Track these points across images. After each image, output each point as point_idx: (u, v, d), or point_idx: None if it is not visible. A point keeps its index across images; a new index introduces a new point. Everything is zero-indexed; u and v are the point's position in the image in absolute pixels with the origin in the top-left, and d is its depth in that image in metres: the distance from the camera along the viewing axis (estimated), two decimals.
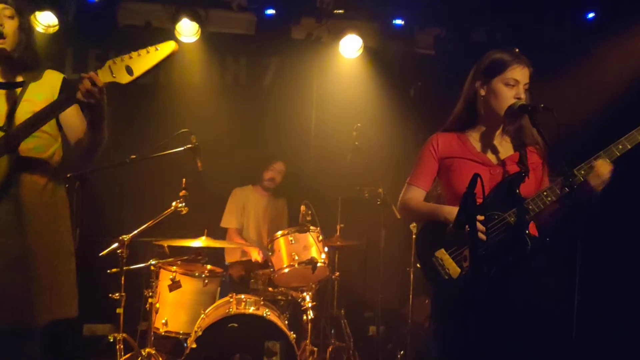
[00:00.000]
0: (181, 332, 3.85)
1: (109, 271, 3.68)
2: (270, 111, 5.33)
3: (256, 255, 4.66)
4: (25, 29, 2.35)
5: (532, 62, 2.44)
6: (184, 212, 3.76)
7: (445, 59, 5.31)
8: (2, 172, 2.24)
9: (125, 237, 3.66)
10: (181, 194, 3.76)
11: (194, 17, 4.81)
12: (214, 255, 4.33)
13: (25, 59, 2.36)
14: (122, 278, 3.68)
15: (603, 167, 2.25)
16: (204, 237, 3.89)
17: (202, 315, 3.67)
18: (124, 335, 3.72)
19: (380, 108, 5.28)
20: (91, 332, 4.78)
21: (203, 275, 3.92)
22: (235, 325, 3.48)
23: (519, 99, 2.36)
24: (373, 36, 5.32)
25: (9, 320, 2.24)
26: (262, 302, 3.72)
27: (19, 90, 2.35)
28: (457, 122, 2.53)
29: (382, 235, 4.40)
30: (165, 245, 3.97)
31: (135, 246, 3.83)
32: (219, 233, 4.73)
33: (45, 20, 4.67)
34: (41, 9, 4.62)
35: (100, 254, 3.65)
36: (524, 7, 4.87)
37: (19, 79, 2.39)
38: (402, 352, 4.44)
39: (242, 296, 3.72)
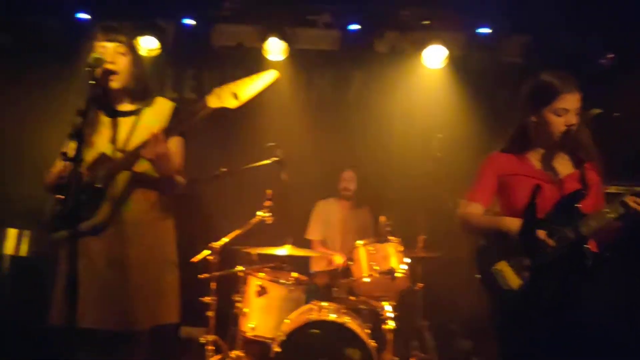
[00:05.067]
0: (268, 336, 3.97)
1: (199, 276, 3.92)
2: (354, 124, 5.44)
3: (339, 259, 4.74)
4: (137, 63, 2.63)
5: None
6: (269, 221, 3.93)
7: (534, 67, 5.16)
8: (119, 188, 2.52)
9: (216, 244, 3.90)
10: (266, 204, 3.94)
11: (282, 36, 5.04)
12: (299, 264, 4.47)
13: (138, 90, 2.64)
14: (213, 283, 3.90)
15: None
16: (289, 246, 4.04)
17: (286, 321, 3.79)
18: (215, 337, 3.93)
19: (464, 118, 5.23)
20: (188, 335, 5.09)
21: (289, 283, 4.06)
22: (317, 331, 3.58)
23: (570, 125, 2.34)
24: (458, 46, 5.30)
25: (120, 324, 2.49)
26: (343, 310, 3.80)
27: (134, 117, 2.62)
28: (513, 144, 2.56)
29: (466, 247, 4.34)
30: (253, 252, 4.17)
31: (227, 253, 4.05)
32: (303, 243, 4.88)
33: (146, 45, 5.09)
34: (143, 34, 5.05)
35: (192, 260, 3.91)
36: (616, 13, 4.64)
37: (133, 107, 2.66)
38: None
39: (325, 303, 3.82)
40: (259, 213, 3.93)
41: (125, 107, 2.67)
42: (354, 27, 5.22)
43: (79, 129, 2.14)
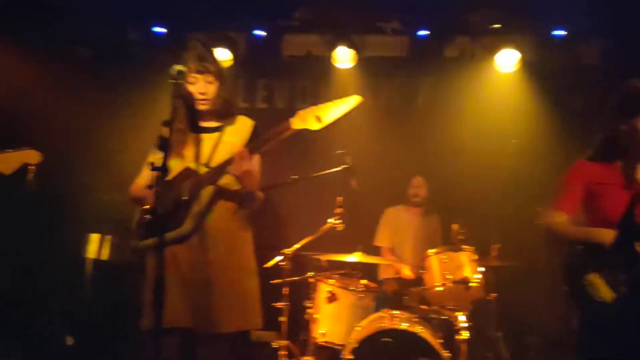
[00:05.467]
0: (338, 343, 3.96)
1: (272, 282, 3.98)
2: (423, 130, 5.38)
3: (407, 272, 4.71)
4: (225, 88, 2.77)
5: None
6: (340, 228, 3.94)
7: (613, 71, 4.95)
8: (204, 200, 2.64)
9: (288, 251, 3.95)
10: (337, 211, 3.96)
11: (351, 44, 5.07)
12: (368, 271, 4.46)
13: (223, 110, 2.78)
14: (285, 289, 3.95)
15: None
16: (359, 253, 4.04)
17: (357, 328, 3.78)
18: (287, 342, 3.98)
19: (540, 122, 5.07)
20: (258, 339, 5.17)
21: (358, 290, 4.04)
22: (389, 339, 3.56)
23: None
24: (531, 49, 5.15)
25: (205, 327, 2.61)
26: (415, 319, 3.75)
27: (217, 134, 2.76)
28: (601, 152, 2.44)
29: (542, 256, 4.20)
30: (323, 259, 4.20)
31: (298, 259, 4.09)
32: (372, 250, 4.86)
33: (219, 56, 5.22)
34: (216, 46, 5.20)
35: (265, 266, 3.98)
36: None
37: (216, 124, 2.80)
38: None
39: (396, 312, 3.79)
40: (329, 220, 3.95)
41: (209, 123, 2.81)
42: (423, 32, 5.18)
43: (165, 140, 2.23)
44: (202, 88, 2.69)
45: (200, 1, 5.01)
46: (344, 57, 5.17)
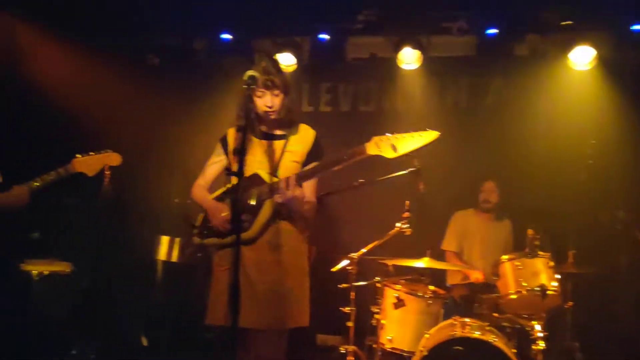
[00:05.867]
0: (405, 349, 3.91)
1: (339, 286, 3.95)
2: (493, 131, 5.22)
3: (477, 276, 4.58)
4: (290, 99, 2.89)
5: None
6: (408, 233, 3.86)
7: None
8: (269, 208, 2.77)
9: (354, 255, 3.91)
10: (404, 215, 3.88)
11: (416, 45, 4.99)
12: (436, 277, 4.36)
13: (286, 119, 2.89)
14: (352, 293, 3.91)
15: None
16: (426, 258, 3.95)
17: (426, 335, 3.69)
18: (354, 348, 3.94)
19: (619, 122, 4.80)
20: (323, 342, 5.15)
21: (426, 296, 3.95)
22: (461, 348, 3.44)
23: None
24: (608, 45, 4.89)
25: (270, 323, 2.75)
26: (487, 328, 3.63)
27: (282, 142, 2.87)
28: None
29: (623, 263, 3.98)
30: (389, 264, 4.13)
31: (363, 263, 4.05)
32: (441, 255, 4.75)
33: (284, 61, 5.28)
34: (281, 51, 5.25)
35: (332, 270, 3.95)
36: None
37: (281, 132, 2.91)
38: None
39: (467, 319, 3.68)
40: (397, 224, 3.88)
41: (274, 131, 2.92)
42: (492, 31, 5.03)
43: (241, 145, 2.27)
44: (268, 102, 2.80)
45: (264, 7, 5.06)
46: (409, 58, 5.10)
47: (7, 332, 3.73)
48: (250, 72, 2.59)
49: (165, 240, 5.07)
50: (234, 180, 2.49)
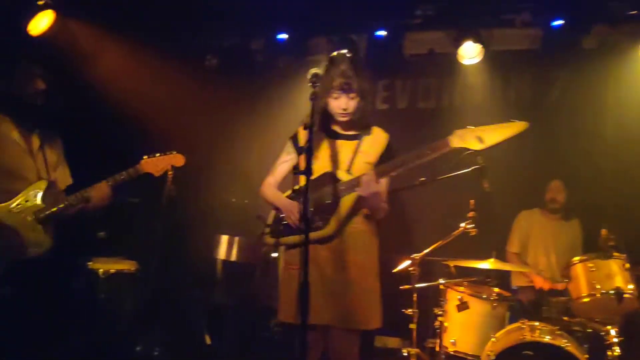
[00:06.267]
0: (469, 353, 3.82)
1: (401, 287, 3.88)
2: (559, 127, 5.01)
3: (540, 282, 4.41)
4: (365, 101, 2.88)
5: None
6: (473, 233, 3.75)
7: None
8: (347, 206, 2.78)
9: (417, 256, 3.83)
10: (469, 215, 3.77)
11: (477, 39, 4.84)
12: (500, 279, 4.22)
13: (360, 121, 2.89)
14: (414, 295, 3.83)
15: None
16: (492, 259, 3.83)
17: (493, 339, 3.58)
18: (417, 350, 3.86)
19: None
20: (383, 344, 5.08)
21: (491, 298, 3.84)
22: (531, 353, 3.33)
23: None
24: None
25: (343, 323, 2.77)
26: (557, 332, 3.48)
27: (355, 142, 2.87)
28: None
29: None
30: (452, 265, 4.03)
31: (425, 265, 3.96)
32: (505, 256, 4.60)
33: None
34: (337, 49, 5.17)
35: (394, 271, 3.88)
36: None
37: (353, 132, 2.91)
38: None
39: (536, 323, 3.55)
40: (461, 224, 3.77)
41: (347, 131, 2.91)
42: (557, 23, 4.82)
43: (308, 143, 2.24)
44: (343, 104, 2.80)
45: (320, 6, 5.03)
46: (470, 53, 4.94)
47: (75, 329, 3.85)
48: (313, 70, 2.55)
49: (224, 239, 5.12)
50: (302, 178, 2.48)
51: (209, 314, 5.04)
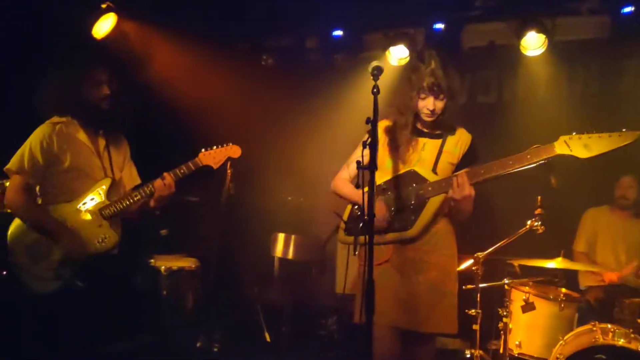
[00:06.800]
0: (535, 356, 3.70)
1: (464, 287, 3.76)
2: (628, 120, 4.71)
3: (611, 277, 4.23)
4: (452, 103, 2.81)
5: None
6: (540, 231, 3.60)
7: None
8: (436, 206, 2.71)
9: (481, 255, 3.71)
10: (537, 212, 3.62)
11: (540, 29, 4.64)
12: (568, 279, 4.05)
13: (445, 120, 2.83)
14: (478, 295, 3.72)
15: None
16: (559, 259, 3.67)
17: (561, 342, 3.44)
18: (481, 352, 3.75)
19: None
20: (443, 345, 4.97)
21: (559, 299, 3.69)
22: (603, 357, 3.17)
23: None
24: None
25: (424, 327, 2.71)
26: (632, 335, 3.30)
27: (439, 142, 2.81)
28: None
29: None
30: (517, 264, 3.89)
31: (489, 264, 3.84)
32: (572, 255, 4.41)
33: (397, 54, 5.16)
34: (394, 44, 5.12)
35: (457, 270, 3.77)
36: None
37: (437, 131, 2.85)
38: None
39: (608, 325, 3.37)
40: (528, 222, 3.62)
41: (431, 130, 2.85)
42: (628, 9, 4.57)
43: (372, 138, 2.20)
44: (430, 105, 2.73)
45: (376, 0, 4.95)
46: (533, 44, 4.75)
47: (138, 325, 3.93)
48: (375, 63, 2.50)
49: (281, 237, 5.14)
50: (380, 176, 2.42)
51: (269, 310, 5.06)
